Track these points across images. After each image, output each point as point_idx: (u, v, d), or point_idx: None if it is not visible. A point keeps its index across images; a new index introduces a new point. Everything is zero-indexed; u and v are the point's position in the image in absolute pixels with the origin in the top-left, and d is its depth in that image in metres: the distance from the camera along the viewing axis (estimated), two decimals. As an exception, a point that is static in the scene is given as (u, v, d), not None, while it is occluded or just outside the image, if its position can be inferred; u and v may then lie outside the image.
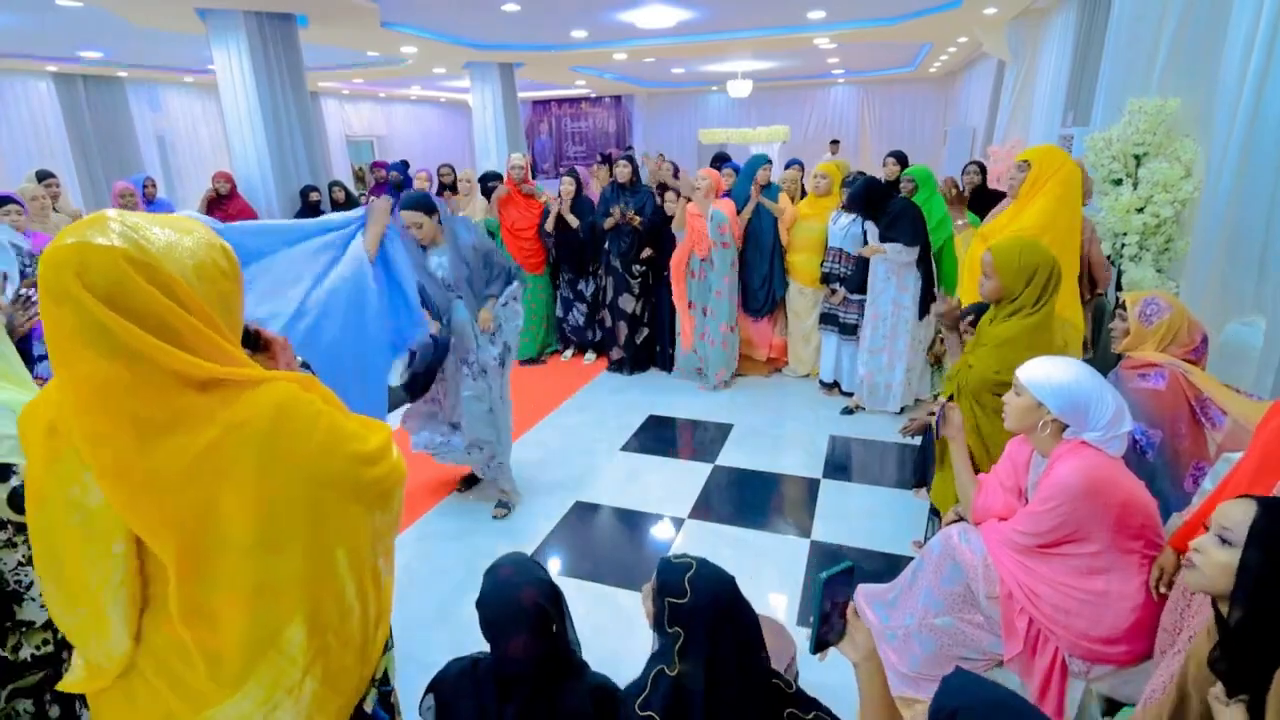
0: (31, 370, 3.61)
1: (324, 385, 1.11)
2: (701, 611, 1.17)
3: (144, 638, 0.99)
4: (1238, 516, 1.10)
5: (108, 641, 0.96)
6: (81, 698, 1.38)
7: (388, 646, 1.28)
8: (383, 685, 1.28)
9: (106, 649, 0.97)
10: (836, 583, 1.09)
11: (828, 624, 1.10)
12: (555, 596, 1.30)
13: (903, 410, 4.21)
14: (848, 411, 4.32)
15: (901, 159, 4.86)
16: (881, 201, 3.85)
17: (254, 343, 1.26)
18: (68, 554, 0.95)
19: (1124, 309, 2.15)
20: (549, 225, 5.11)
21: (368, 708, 1.19)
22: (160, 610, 0.98)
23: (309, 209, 5.79)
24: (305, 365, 1.36)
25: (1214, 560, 1.11)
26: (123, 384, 0.88)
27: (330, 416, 1.05)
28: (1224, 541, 1.11)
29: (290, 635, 1.00)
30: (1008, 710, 0.85)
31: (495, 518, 3.26)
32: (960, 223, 2.91)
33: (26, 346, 3.43)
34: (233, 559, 0.95)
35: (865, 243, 4.06)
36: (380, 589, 1.17)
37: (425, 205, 2.86)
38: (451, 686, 1.33)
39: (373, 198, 6.41)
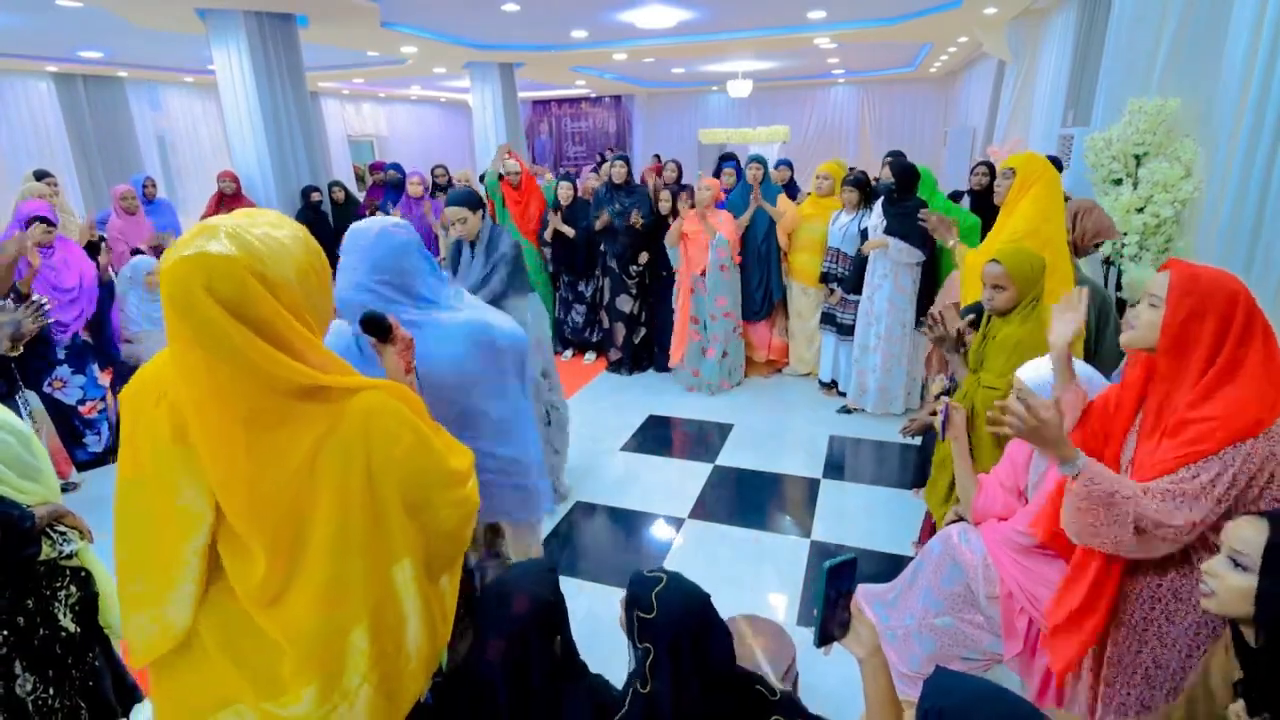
0: (51, 373, 3.61)
1: (418, 398, 1.15)
2: (668, 629, 1.16)
3: (213, 612, 1.01)
4: (1251, 538, 1.06)
5: (166, 610, 0.98)
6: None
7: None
8: (436, 676, 1.30)
9: (164, 619, 0.99)
10: (840, 573, 1.08)
11: (832, 617, 1.09)
12: (547, 614, 1.26)
13: (905, 411, 4.21)
14: (845, 411, 4.31)
15: (900, 167, 4.80)
16: (911, 186, 3.89)
17: (383, 332, 1.34)
18: (151, 517, 0.98)
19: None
20: (547, 235, 5.11)
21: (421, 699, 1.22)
22: (229, 589, 1.00)
23: (309, 209, 5.79)
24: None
25: (1230, 585, 1.08)
26: (240, 388, 0.93)
27: (417, 429, 1.08)
28: (1237, 565, 1.07)
29: (355, 639, 1.03)
30: (991, 701, 0.84)
31: None
32: (951, 244, 2.95)
33: (48, 351, 3.42)
34: (316, 555, 0.99)
35: (864, 243, 4.04)
36: (444, 607, 1.20)
37: (470, 201, 2.94)
38: (452, 688, 1.32)
39: (379, 201, 6.41)
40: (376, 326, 1.35)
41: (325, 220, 5.90)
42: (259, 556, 0.96)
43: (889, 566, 2.73)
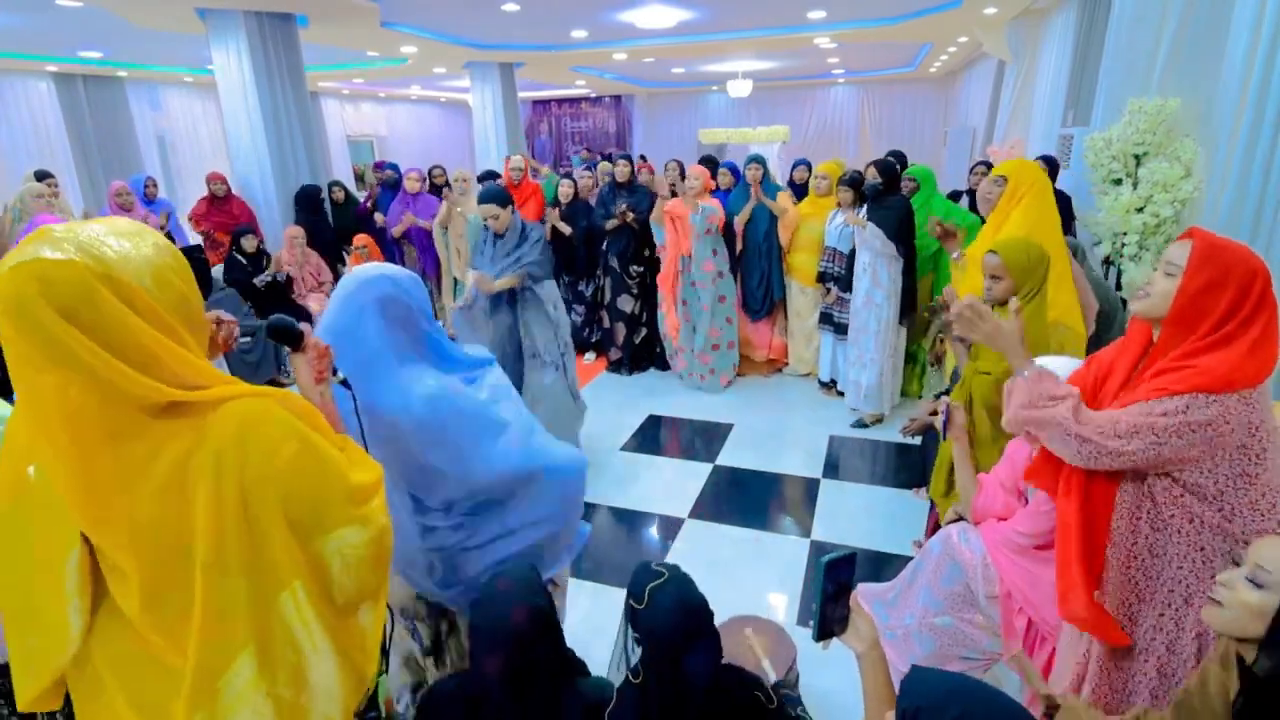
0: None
1: (313, 408, 1.06)
2: (656, 628, 1.15)
3: (104, 638, 0.95)
4: (1276, 558, 1.04)
5: (56, 633, 0.92)
6: None
7: (380, 672, 1.19)
8: (369, 711, 1.20)
9: (54, 634, 0.93)
10: (839, 568, 1.08)
11: (831, 612, 1.10)
12: (546, 622, 1.25)
13: (895, 405, 4.21)
14: (860, 424, 4.14)
15: (883, 165, 4.76)
16: (894, 184, 3.94)
17: (293, 340, 1.27)
18: (21, 542, 0.93)
19: None
20: (545, 232, 5.10)
21: None
22: (121, 617, 0.94)
23: (311, 209, 5.78)
24: (344, 383, 1.33)
25: (1243, 601, 1.05)
26: (90, 406, 0.85)
27: (305, 439, 0.99)
28: (1256, 584, 1.05)
29: (238, 668, 0.94)
30: (968, 696, 0.84)
31: None
32: (955, 255, 2.94)
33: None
34: (195, 577, 0.91)
35: (856, 236, 4.03)
36: (365, 641, 1.10)
37: (500, 198, 3.14)
38: (438, 703, 1.31)
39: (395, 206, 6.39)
40: (285, 334, 1.25)
41: (325, 219, 5.91)
42: (132, 578, 0.90)
43: (889, 566, 2.73)
